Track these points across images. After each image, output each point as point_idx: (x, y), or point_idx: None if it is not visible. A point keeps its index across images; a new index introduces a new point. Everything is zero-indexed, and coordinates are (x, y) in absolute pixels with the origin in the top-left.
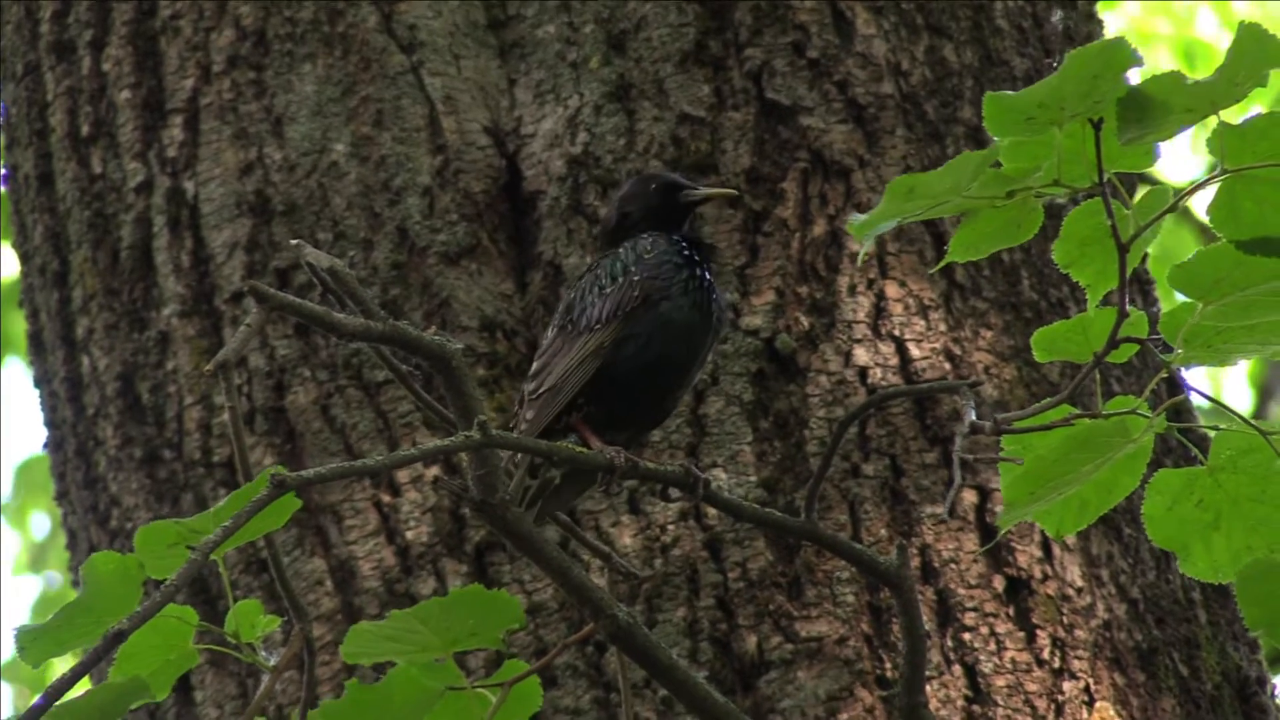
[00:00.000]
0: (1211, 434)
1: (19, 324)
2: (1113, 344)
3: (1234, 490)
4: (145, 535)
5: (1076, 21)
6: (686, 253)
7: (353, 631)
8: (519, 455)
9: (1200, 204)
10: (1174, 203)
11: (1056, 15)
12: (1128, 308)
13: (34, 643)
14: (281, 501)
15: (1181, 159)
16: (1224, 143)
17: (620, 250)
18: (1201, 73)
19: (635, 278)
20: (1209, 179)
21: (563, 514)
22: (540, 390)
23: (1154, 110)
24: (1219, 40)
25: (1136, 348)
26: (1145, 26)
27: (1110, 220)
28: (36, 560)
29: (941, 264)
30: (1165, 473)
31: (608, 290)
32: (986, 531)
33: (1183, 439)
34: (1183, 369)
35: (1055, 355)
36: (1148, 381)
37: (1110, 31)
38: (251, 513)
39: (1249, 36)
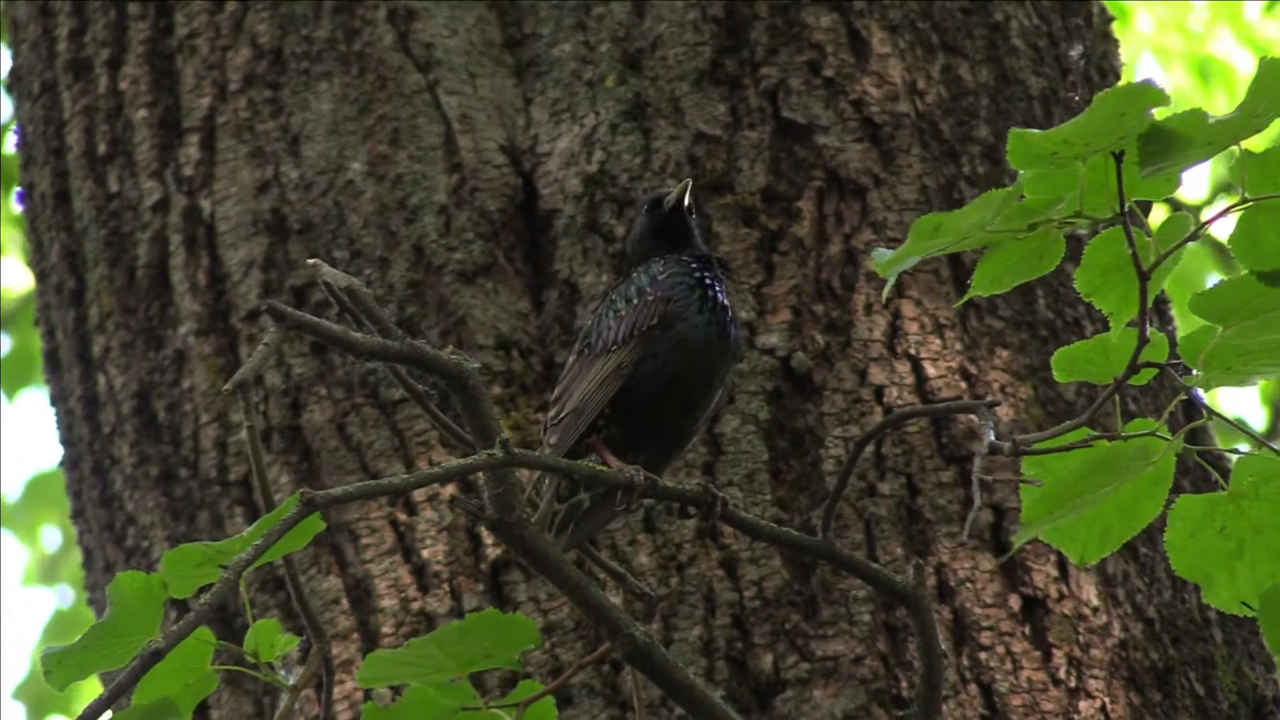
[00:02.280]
0: (1231, 456)
1: (34, 342)
2: (1133, 369)
3: (1257, 518)
4: (173, 558)
5: (1092, 46)
6: (699, 273)
7: (369, 659)
8: (545, 481)
9: (1218, 222)
10: (1194, 232)
11: (1076, 50)
12: (1152, 329)
13: (60, 665)
14: (306, 522)
15: (1197, 175)
16: (1244, 171)
17: (633, 274)
18: (1217, 89)
19: (650, 298)
20: (1230, 208)
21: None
22: (562, 415)
23: (1176, 145)
24: (1233, 57)
25: (1156, 370)
26: (1159, 43)
27: (1132, 249)
28: (48, 573)
29: (964, 299)
30: (1186, 499)
31: (623, 313)
32: (1003, 550)
33: (1202, 461)
34: (1201, 390)
35: (1075, 376)
36: (1165, 400)
37: (1124, 49)
38: (282, 531)
39: (1270, 71)
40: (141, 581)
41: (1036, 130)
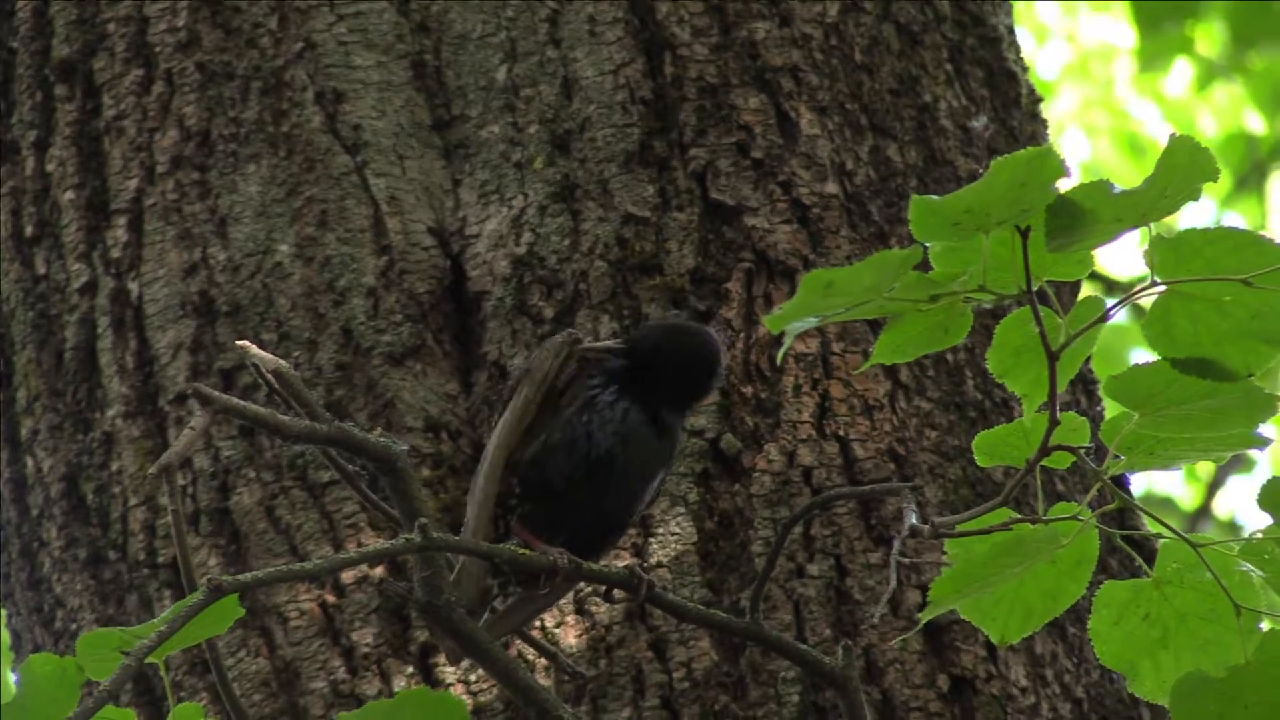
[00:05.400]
0: (1158, 540)
1: None
2: (1044, 452)
3: (1182, 606)
4: (87, 642)
5: (1019, 122)
6: (601, 382)
7: None
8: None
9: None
10: (1104, 313)
11: (980, 121)
12: (1070, 413)
13: None
14: (223, 606)
15: (1132, 254)
16: (1155, 256)
17: None
18: (1148, 166)
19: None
20: (1138, 290)
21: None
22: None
23: (1083, 219)
24: (1161, 133)
25: (1073, 455)
26: (1084, 119)
27: (1040, 330)
28: None
29: (866, 365)
30: (1111, 585)
31: None
32: (931, 632)
33: (1124, 545)
34: (1127, 473)
35: (996, 460)
36: (1093, 482)
37: (1052, 125)
38: (186, 618)
39: (1180, 149)
40: (55, 664)
41: (936, 197)
